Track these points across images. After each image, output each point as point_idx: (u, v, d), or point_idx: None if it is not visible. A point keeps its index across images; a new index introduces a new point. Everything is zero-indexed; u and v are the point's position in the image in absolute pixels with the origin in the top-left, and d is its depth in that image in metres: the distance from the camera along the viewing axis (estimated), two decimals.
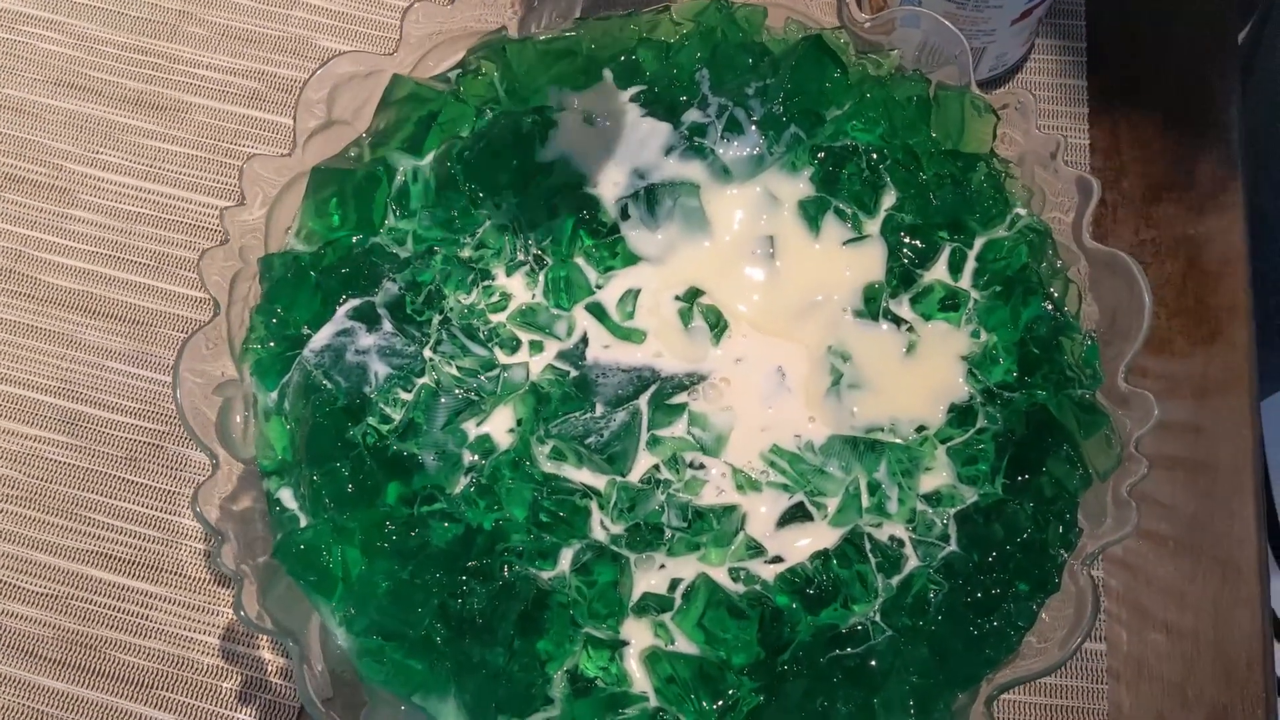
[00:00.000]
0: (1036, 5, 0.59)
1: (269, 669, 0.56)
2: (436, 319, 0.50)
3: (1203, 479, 0.57)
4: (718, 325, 0.50)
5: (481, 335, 0.50)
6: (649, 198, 0.51)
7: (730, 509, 0.47)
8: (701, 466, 0.48)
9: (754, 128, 0.51)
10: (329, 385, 0.48)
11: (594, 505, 0.47)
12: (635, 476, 0.48)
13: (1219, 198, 0.62)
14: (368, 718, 0.44)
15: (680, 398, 0.49)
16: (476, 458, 0.48)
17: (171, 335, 0.62)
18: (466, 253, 0.51)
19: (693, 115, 0.52)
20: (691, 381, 0.49)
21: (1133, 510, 0.44)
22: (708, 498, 0.48)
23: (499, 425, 0.49)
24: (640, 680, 0.45)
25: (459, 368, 0.49)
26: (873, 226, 0.51)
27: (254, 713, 0.55)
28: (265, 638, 0.56)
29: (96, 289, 0.63)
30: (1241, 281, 0.60)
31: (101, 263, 0.63)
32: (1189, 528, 0.57)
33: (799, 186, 0.51)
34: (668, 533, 0.47)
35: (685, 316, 0.50)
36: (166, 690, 0.56)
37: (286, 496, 0.48)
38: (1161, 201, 0.63)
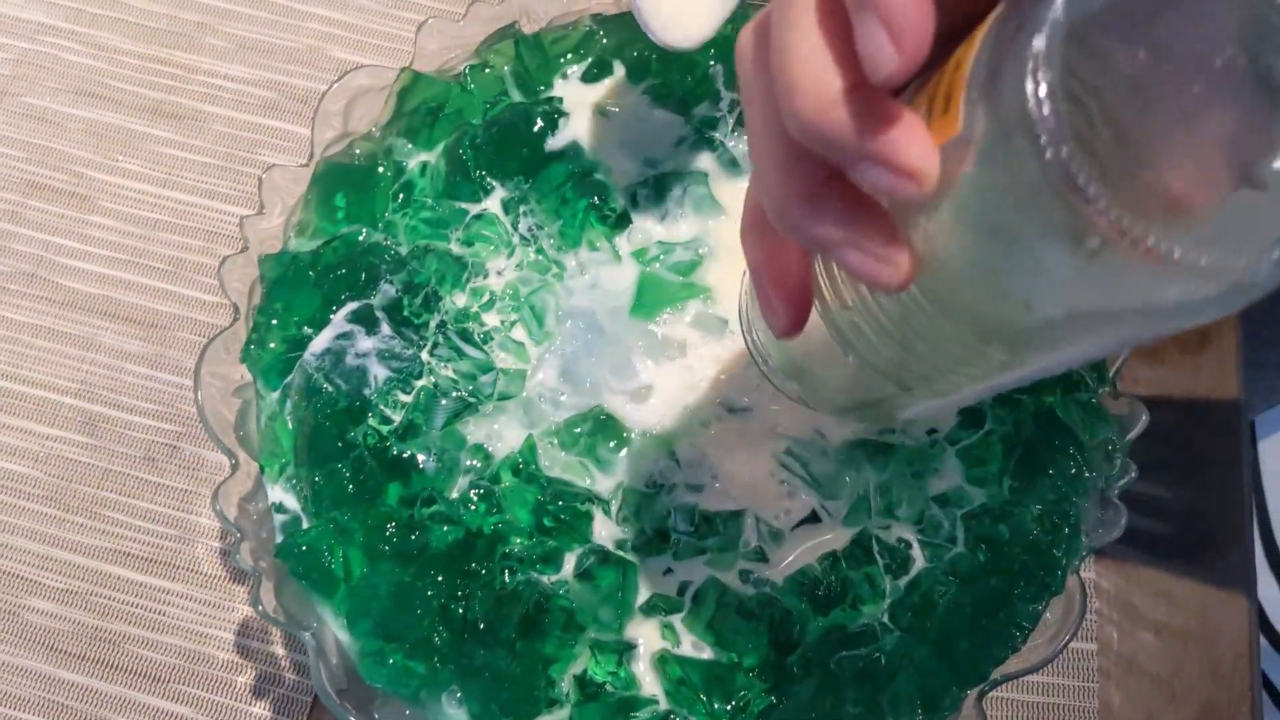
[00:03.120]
0: None
1: (283, 664, 0.57)
2: (434, 322, 0.51)
3: (1192, 483, 0.59)
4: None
5: (477, 338, 0.51)
6: (658, 186, 0.52)
7: (738, 515, 0.48)
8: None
9: None
10: (330, 388, 0.49)
11: (598, 510, 0.48)
12: (640, 481, 0.49)
13: None
14: (379, 709, 0.46)
15: None
16: (476, 462, 0.49)
17: (188, 339, 0.63)
18: (456, 248, 0.52)
19: (704, 109, 0.53)
20: None
21: (1122, 513, 0.46)
22: (714, 504, 0.49)
23: (499, 431, 0.50)
24: (649, 683, 0.46)
25: (455, 370, 0.50)
26: None
27: (268, 706, 0.57)
28: (279, 634, 0.58)
29: (115, 293, 0.64)
30: None
31: (120, 268, 0.65)
32: (1178, 530, 0.58)
33: None
34: (674, 538, 0.48)
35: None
36: (183, 684, 0.57)
37: (289, 499, 0.49)
38: None
